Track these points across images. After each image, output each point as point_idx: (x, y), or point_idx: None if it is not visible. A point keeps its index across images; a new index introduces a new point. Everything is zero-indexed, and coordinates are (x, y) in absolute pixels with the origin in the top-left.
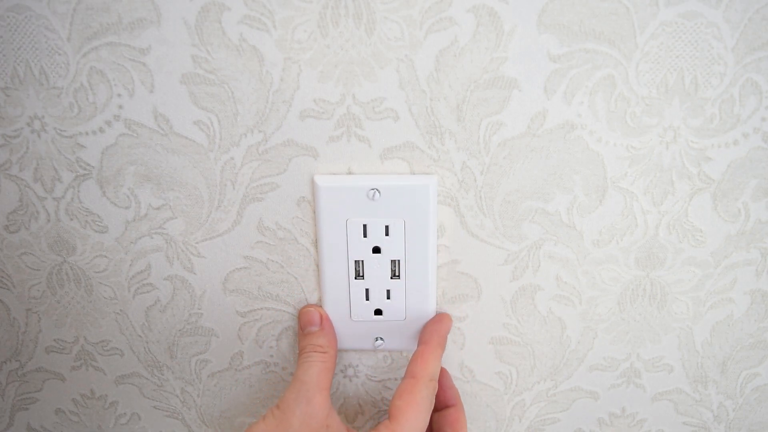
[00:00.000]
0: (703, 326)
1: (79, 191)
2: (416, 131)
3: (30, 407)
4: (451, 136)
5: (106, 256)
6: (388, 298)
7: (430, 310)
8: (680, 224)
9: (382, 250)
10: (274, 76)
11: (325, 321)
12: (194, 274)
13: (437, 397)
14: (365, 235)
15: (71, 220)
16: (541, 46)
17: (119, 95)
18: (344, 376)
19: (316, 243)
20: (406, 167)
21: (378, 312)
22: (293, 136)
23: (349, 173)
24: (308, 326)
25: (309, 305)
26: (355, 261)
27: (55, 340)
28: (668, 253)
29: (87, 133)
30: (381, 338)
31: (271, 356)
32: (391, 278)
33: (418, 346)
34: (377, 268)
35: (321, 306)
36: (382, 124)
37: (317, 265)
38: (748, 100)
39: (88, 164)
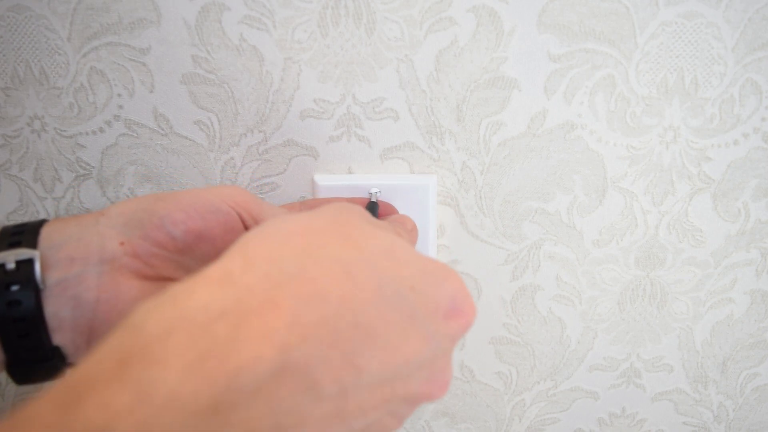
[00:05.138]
0: (703, 326)
1: (79, 191)
2: (416, 131)
3: None
4: (451, 136)
5: None
6: None
7: None
8: (680, 224)
9: None
10: (274, 76)
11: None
12: None
13: None
14: None
15: None
16: (541, 46)
17: (119, 95)
18: None
19: None
20: (406, 167)
21: None
22: (293, 136)
23: (349, 173)
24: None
25: None
26: None
27: None
28: (668, 253)
29: (87, 133)
30: None
31: None
32: None
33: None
34: None
35: None
36: (382, 124)
37: None
38: (748, 100)
39: (88, 164)
